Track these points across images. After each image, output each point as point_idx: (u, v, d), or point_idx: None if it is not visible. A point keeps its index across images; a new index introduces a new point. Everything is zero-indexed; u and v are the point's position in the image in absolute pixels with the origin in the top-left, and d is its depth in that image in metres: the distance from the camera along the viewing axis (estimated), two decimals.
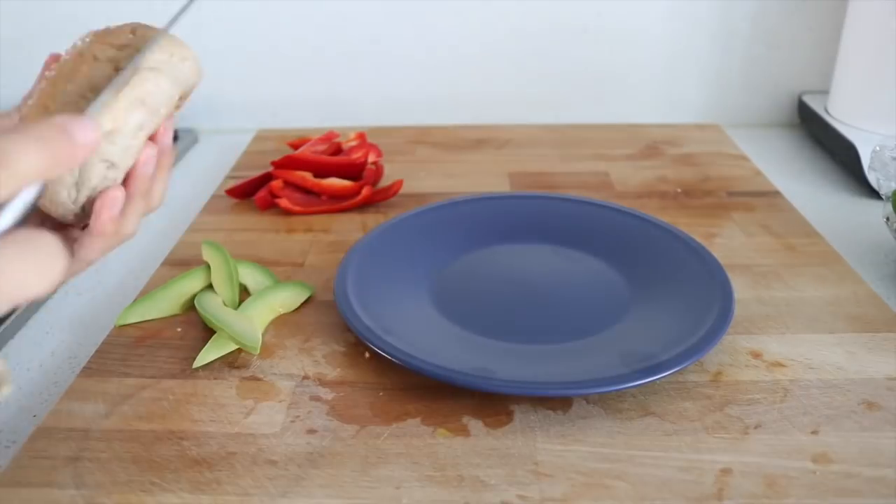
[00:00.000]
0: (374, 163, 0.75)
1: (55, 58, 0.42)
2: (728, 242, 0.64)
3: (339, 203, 0.71)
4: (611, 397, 0.46)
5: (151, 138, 0.40)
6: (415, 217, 0.61)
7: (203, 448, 0.43)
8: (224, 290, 0.56)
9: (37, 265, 0.30)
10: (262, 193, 0.72)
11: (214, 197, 0.75)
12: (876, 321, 0.53)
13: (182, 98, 0.43)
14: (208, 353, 0.50)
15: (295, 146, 0.82)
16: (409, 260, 0.59)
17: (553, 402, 0.46)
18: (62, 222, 0.38)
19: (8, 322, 0.56)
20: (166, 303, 0.55)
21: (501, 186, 0.75)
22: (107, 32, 0.43)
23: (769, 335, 0.52)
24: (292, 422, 0.45)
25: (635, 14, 0.90)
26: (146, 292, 0.58)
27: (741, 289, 0.56)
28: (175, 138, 0.92)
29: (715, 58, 0.93)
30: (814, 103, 0.88)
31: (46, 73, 0.40)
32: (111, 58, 0.40)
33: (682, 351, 0.46)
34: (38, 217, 0.38)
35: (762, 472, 0.40)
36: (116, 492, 0.40)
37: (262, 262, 0.61)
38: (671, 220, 0.66)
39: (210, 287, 0.57)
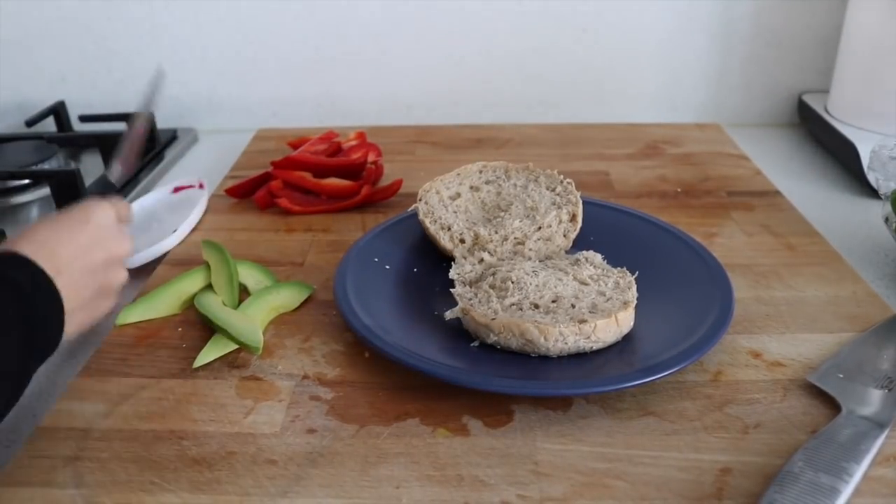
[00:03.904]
0: (374, 162, 0.75)
1: None
2: (728, 242, 0.64)
3: (338, 202, 0.71)
4: (610, 397, 0.46)
5: None
6: (414, 216, 0.61)
7: (203, 448, 0.43)
8: (224, 290, 0.56)
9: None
10: (261, 193, 0.72)
11: (214, 196, 0.75)
12: (875, 320, 0.53)
13: None
14: (208, 353, 0.50)
15: (294, 146, 0.82)
16: (409, 259, 0.59)
17: (553, 401, 0.46)
18: None
19: None
20: (166, 303, 0.55)
21: None
22: None
23: (769, 335, 0.52)
24: (292, 421, 0.45)
25: (635, 14, 0.90)
26: (146, 292, 0.58)
27: (741, 288, 0.56)
28: (175, 137, 0.92)
29: (715, 57, 0.93)
30: (814, 103, 0.88)
31: None
32: None
33: (681, 350, 0.46)
34: None
35: (762, 471, 0.40)
36: (116, 491, 0.40)
37: (262, 262, 0.61)
38: (671, 219, 0.66)
39: (210, 287, 0.57)
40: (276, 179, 0.72)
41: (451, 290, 0.52)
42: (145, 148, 0.87)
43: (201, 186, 0.74)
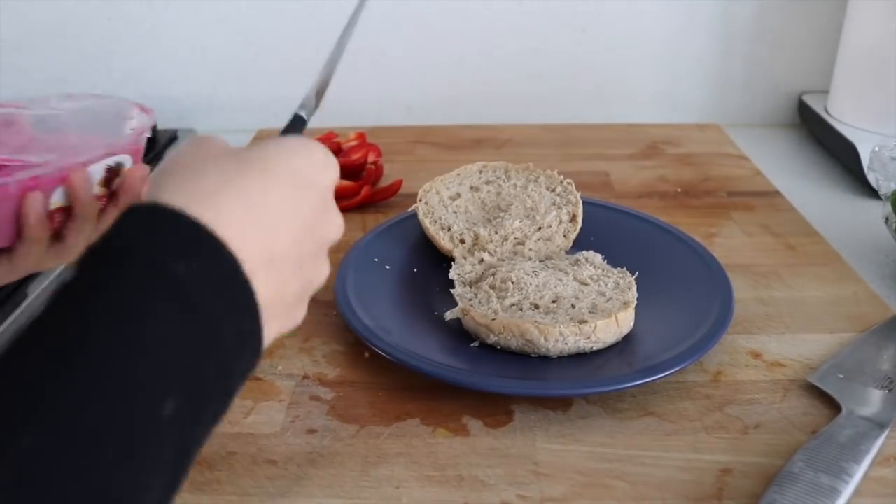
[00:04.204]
0: (374, 162, 0.75)
1: None
2: (728, 242, 0.64)
3: (338, 202, 0.71)
4: (610, 397, 0.46)
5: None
6: (414, 216, 0.61)
7: (203, 448, 0.43)
8: None
9: None
10: None
11: None
12: (875, 321, 0.53)
13: None
14: None
15: None
16: (409, 259, 0.59)
17: (553, 401, 0.46)
18: None
19: (7, 323, 0.56)
20: None
21: None
22: None
23: (769, 335, 0.52)
24: (292, 421, 0.45)
25: (635, 14, 0.90)
26: None
27: (741, 289, 0.56)
28: (175, 138, 0.92)
29: (715, 58, 0.93)
30: (814, 103, 0.88)
31: None
32: None
33: (682, 351, 0.46)
34: None
35: (762, 472, 0.40)
36: None
37: None
38: (671, 220, 0.66)
39: None
40: None
41: (451, 290, 0.52)
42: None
43: None
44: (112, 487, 0.22)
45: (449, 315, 0.50)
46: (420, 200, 0.61)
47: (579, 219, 0.59)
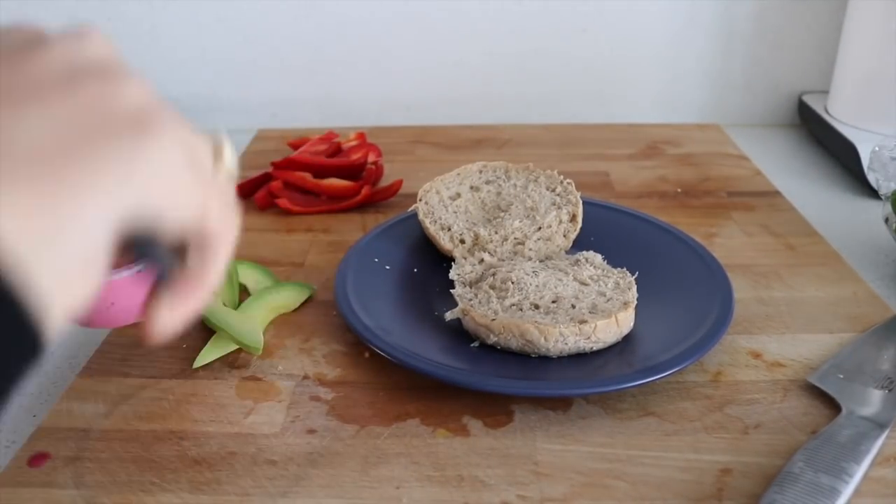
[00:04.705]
0: (374, 163, 0.75)
1: None
2: (728, 242, 0.64)
3: (338, 203, 0.71)
4: (611, 397, 0.46)
5: None
6: (414, 216, 0.61)
7: (203, 448, 0.43)
8: (224, 290, 0.56)
9: None
10: (261, 193, 0.72)
11: None
12: (875, 321, 0.53)
13: None
14: (208, 353, 0.50)
15: (295, 146, 0.82)
16: (409, 259, 0.59)
17: (553, 401, 0.46)
18: None
19: None
20: None
21: None
22: None
23: (769, 335, 0.52)
24: (292, 422, 0.45)
25: (635, 14, 0.90)
26: None
27: (741, 289, 0.56)
28: None
29: (715, 58, 0.93)
30: (814, 103, 0.88)
31: None
32: None
33: (681, 351, 0.46)
34: None
35: (762, 472, 0.40)
36: (116, 492, 0.40)
37: (262, 262, 0.61)
38: (671, 220, 0.66)
39: None
40: (276, 180, 0.72)
41: (451, 290, 0.52)
42: None
43: None
44: None
45: (449, 315, 0.50)
46: (420, 200, 0.61)
47: (579, 219, 0.59)
